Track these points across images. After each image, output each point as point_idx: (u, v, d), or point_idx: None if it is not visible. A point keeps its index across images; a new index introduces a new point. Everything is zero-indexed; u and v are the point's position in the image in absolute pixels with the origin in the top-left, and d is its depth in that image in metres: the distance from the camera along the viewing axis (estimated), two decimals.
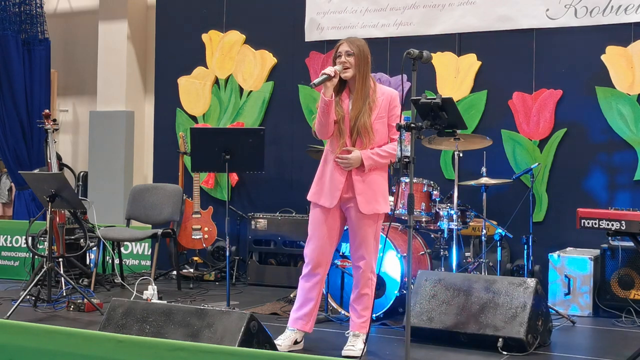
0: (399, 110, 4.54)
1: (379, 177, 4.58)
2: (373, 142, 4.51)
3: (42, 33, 8.96)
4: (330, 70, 4.43)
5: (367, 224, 4.55)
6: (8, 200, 9.32)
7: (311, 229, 4.65)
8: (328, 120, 4.49)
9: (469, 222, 5.89)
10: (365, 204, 4.51)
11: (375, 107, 4.51)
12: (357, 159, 4.48)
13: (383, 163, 4.55)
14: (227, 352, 3.07)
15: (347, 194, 4.54)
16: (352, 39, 4.61)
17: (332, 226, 4.61)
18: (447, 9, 6.88)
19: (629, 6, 6.26)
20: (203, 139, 6.01)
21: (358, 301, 4.66)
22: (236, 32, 7.77)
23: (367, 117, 4.48)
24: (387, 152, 4.52)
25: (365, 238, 4.57)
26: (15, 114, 8.75)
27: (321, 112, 4.47)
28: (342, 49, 4.52)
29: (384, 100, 4.54)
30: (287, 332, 4.67)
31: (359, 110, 4.48)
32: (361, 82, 4.50)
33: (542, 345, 4.76)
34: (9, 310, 5.48)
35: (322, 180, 4.60)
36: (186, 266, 7.39)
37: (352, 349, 4.57)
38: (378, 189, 4.56)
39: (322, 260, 4.63)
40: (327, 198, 4.55)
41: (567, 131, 6.50)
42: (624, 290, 5.88)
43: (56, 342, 3.39)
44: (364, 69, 4.50)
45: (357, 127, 4.48)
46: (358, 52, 4.49)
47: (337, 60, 4.51)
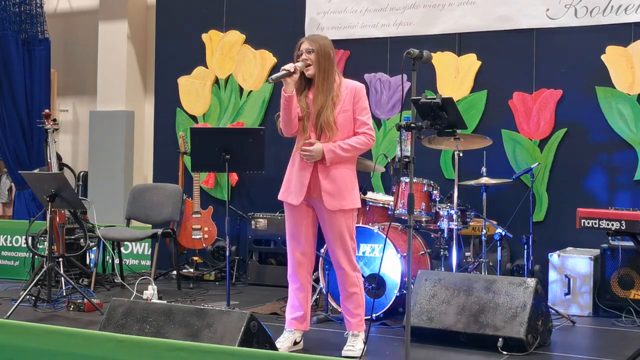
0: (366, 102, 4.56)
1: (345, 171, 4.54)
2: (337, 136, 4.49)
3: (42, 33, 8.96)
4: (289, 66, 4.44)
5: (337, 220, 4.52)
6: (8, 200, 9.32)
7: (287, 229, 4.67)
8: (290, 116, 4.49)
9: (469, 222, 5.89)
10: (331, 200, 4.48)
11: (338, 102, 4.50)
12: (319, 151, 4.46)
13: (346, 157, 4.52)
14: (227, 352, 3.07)
15: (314, 190, 4.53)
16: (313, 36, 4.65)
17: (305, 223, 4.60)
18: (447, 8, 6.88)
19: (629, 6, 6.26)
20: (203, 138, 6.01)
21: (348, 301, 4.64)
22: (236, 32, 7.77)
23: (330, 112, 4.47)
24: (350, 146, 4.49)
25: (339, 235, 4.52)
26: (15, 114, 8.75)
27: (282, 108, 4.49)
28: (303, 47, 4.53)
29: (348, 93, 4.53)
30: (285, 334, 4.67)
31: (320, 105, 4.48)
32: (322, 77, 4.50)
33: (542, 345, 4.76)
34: (9, 310, 5.48)
35: (289, 178, 4.62)
36: (186, 266, 7.39)
37: (352, 349, 4.57)
38: (344, 184, 4.52)
39: (303, 257, 4.64)
40: (294, 195, 4.55)
41: (567, 131, 6.50)
42: (624, 290, 5.88)
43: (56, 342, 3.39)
44: (325, 64, 4.49)
45: (320, 122, 4.48)
46: (318, 48, 4.49)
47: (300, 58, 4.52)
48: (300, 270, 4.65)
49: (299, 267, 4.65)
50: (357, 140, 4.52)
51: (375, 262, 5.52)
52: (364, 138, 4.53)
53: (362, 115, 4.54)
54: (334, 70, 4.54)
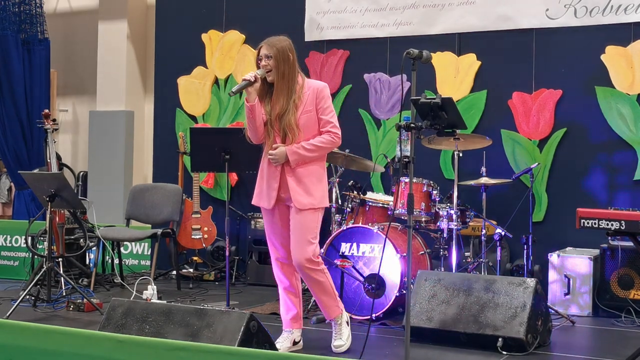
0: (328, 101, 4.56)
1: (313, 171, 4.55)
2: (300, 138, 4.50)
3: (42, 33, 8.96)
4: (250, 76, 4.45)
5: (306, 218, 4.52)
6: (8, 200, 9.32)
7: (266, 231, 4.71)
8: (256, 124, 4.51)
9: (469, 222, 5.89)
10: (300, 199, 4.50)
11: (300, 103, 4.50)
12: (282, 154, 4.48)
13: (311, 157, 4.52)
14: (227, 352, 3.07)
15: (284, 192, 4.56)
16: (271, 40, 4.59)
17: (282, 224, 4.63)
18: (447, 8, 6.88)
19: (629, 6, 6.26)
20: (203, 138, 6.01)
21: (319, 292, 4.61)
22: (236, 32, 7.77)
23: (292, 114, 4.47)
24: (314, 146, 4.50)
25: (307, 233, 4.51)
26: (15, 114, 8.75)
27: (247, 117, 4.51)
28: (262, 53, 4.54)
29: (310, 93, 4.53)
30: (283, 335, 4.68)
31: (281, 108, 4.49)
32: (282, 81, 4.49)
33: (542, 345, 4.76)
34: (9, 310, 5.48)
35: (260, 183, 4.66)
36: (186, 266, 7.39)
37: (340, 340, 4.63)
38: (311, 183, 4.53)
39: (287, 257, 4.65)
40: (266, 199, 4.60)
41: (566, 131, 6.50)
42: (623, 290, 5.88)
43: (56, 342, 3.39)
44: (283, 68, 4.49)
45: (283, 125, 4.49)
46: (276, 53, 4.49)
47: (260, 64, 4.53)
48: (286, 270, 4.67)
49: (284, 268, 4.67)
50: (321, 139, 4.53)
51: (375, 262, 5.52)
52: (328, 137, 4.54)
53: (325, 114, 4.54)
54: (294, 72, 4.53)
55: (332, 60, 7.29)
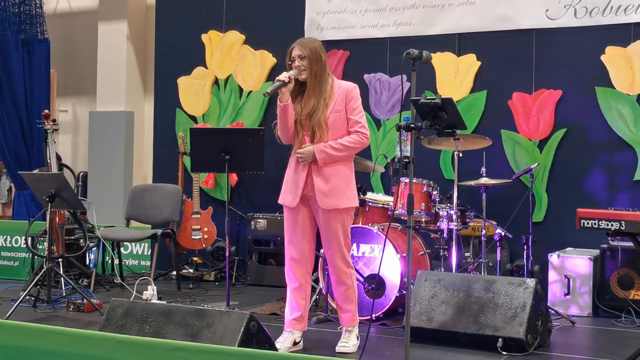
0: (358, 102, 4.60)
1: (340, 171, 4.58)
2: (328, 136, 4.53)
3: (42, 33, 8.96)
4: (284, 77, 4.48)
5: (332, 219, 4.55)
6: (8, 201, 9.32)
7: (285, 230, 4.70)
8: (287, 124, 4.57)
9: (469, 222, 5.89)
10: (324, 199, 4.52)
11: (331, 102, 4.55)
12: (309, 152, 4.51)
13: (339, 156, 4.54)
14: (227, 352, 3.07)
15: (310, 191, 4.57)
16: (303, 41, 4.67)
17: (302, 224, 4.63)
18: (447, 9, 6.88)
19: (629, 6, 6.26)
20: (203, 139, 6.01)
21: (341, 296, 4.69)
22: (236, 32, 7.77)
23: (322, 113, 4.52)
24: (342, 145, 4.53)
25: (334, 234, 4.56)
26: (15, 114, 8.75)
27: (279, 117, 4.56)
28: (294, 54, 4.59)
29: (340, 94, 4.58)
30: (284, 334, 4.68)
31: (312, 107, 4.53)
32: (314, 81, 4.55)
33: (542, 346, 4.76)
34: (9, 311, 5.48)
35: (287, 181, 4.68)
36: (186, 266, 7.38)
37: (346, 345, 4.64)
38: (338, 183, 4.56)
39: (302, 259, 4.65)
40: (291, 196, 4.61)
41: (566, 131, 6.50)
42: (623, 290, 5.88)
43: (56, 342, 3.39)
44: (316, 68, 4.55)
45: (312, 124, 4.53)
46: (309, 54, 4.55)
47: (292, 65, 4.57)
48: (299, 271, 4.66)
49: (298, 268, 4.66)
50: (349, 139, 4.55)
51: (375, 262, 5.52)
52: (357, 137, 4.56)
53: (354, 114, 4.58)
54: (325, 73, 4.59)
55: (332, 60, 7.29)
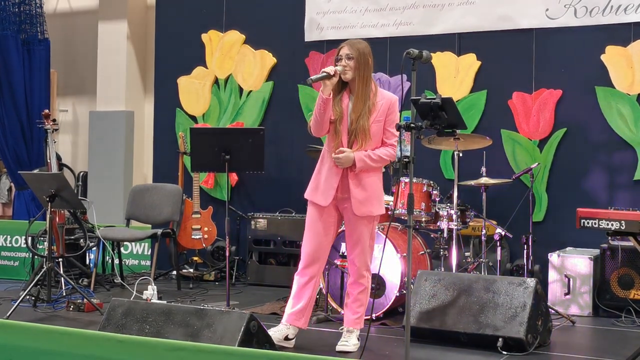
0: (397, 116, 4.62)
1: (374, 179, 4.63)
2: (369, 144, 4.55)
3: (42, 33, 8.95)
4: (330, 69, 4.49)
5: (362, 225, 4.62)
6: (8, 200, 9.32)
7: (307, 226, 4.70)
8: (324, 118, 4.53)
9: (469, 222, 5.89)
10: (359, 206, 4.56)
11: (374, 110, 4.56)
12: (349, 159, 4.52)
13: (374, 166, 4.59)
14: (227, 352, 3.07)
15: (343, 194, 4.60)
16: (353, 42, 4.65)
17: (327, 224, 4.65)
18: (447, 8, 6.88)
19: (629, 6, 6.26)
20: (203, 139, 6.01)
21: (354, 298, 4.71)
22: (236, 32, 7.77)
23: (366, 119, 4.53)
24: (378, 157, 4.57)
25: (361, 238, 4.63)
26: (15, 114, 8.75)
27: (318, 109, 4.52)
28: (342, 52, 4.58)
29: (384, 104, 4.59)
30: (280, 326, 4.69)
31: (359, 112, 4.54)
32: (361, 84, 4.55)
33: (542, 345, 4.76)
34: (9, 310, 5.47)
35: (318, 178, 4.67)
36: (186, 266, 7.39)
37: (346, 344, 4.65)
38: (372, 191, 4.60)
39: (318, 257, 4.66)
40: (322, 196, 4.61)
41: (566, 131, 6.50)
42: (623, 290, 5.88)
43: (56, 342, 3.39)
44: (364, 72, 4.55)
45: (356, 128, 4.53)
46: (358, 55, 4.54)
47: (338, 63, 4.56)
48: (315, 267, 4.67)
49: (314, 264, 4.67)
50: (384, 151, 4.59)
51: (375, 262, 5.50)
52: (391, 150, 4.60)
53: (392, 127, 4.59)
54: (371, 78, 4.60)
55: (332, 60, 7.24)
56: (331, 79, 4.47)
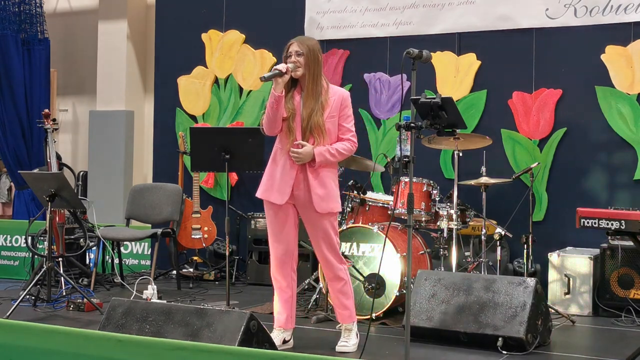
0: (350, 110, 4.64)
1: (332, 176, 4.63)
2: (325, 141, 4.54)
3: (42, 33, 8.96)
4: (282, 67, 4.47)
5: (325, 221, 4.58)
6: (8, 200, 9.32)
7: (270, 227, 4.69)
8: (277, 116, 4.51)
9: (469, 221, 5.89)
10: (320, 202, 4.54)
11: (327, 107, 4.55)
12: (309, 153, 4.50)
13: (332, 161, 4.59)
14: (227, 351, 3.07)
15: (299, 190, 4.57)
16: (302, 38, 4.65)
17: (288, 222, 4.64)
18: (447, 8, 6.88)
19: (629, 6, 6.26)
20: (203, 138, 6.00)
21: (338, 293, 4.69)
22: (236, 32, 7.77)
23: (320, 116, 4.52)
24: (337, 151, 4.56)
25: (327, 234, 4.59)
26: (15, 114, 8.75)
27: (270, 107, 4.50)
28: (292, 49, 4.56)
29: (336, 100, 4.58)
30: (274, 332, 4.70)
31: (311, 109, 4.52)
32: (312, 81, 4.53)
33: (542, 345, 4.76)
34: (9, 310, 5.48)
35: (272, 177, 4.63)
36: (186, 266, 7.39)
37: (346, 344, 4.65)
38: (331, 188, 4.60)
39: (287, 256, 4.66)
40: (278, 194, 4.58)
41: (566, 131, 6.50)
42: (623, 289, 5.88)
43: (56, 341, 3.39)
44: (314, 68, 4.53)
45: (310, 125, 4.52)
46: (307, 51, 4.52)
47: (287, 60, 4.54)
48: (284, 269, 4.67)
49: (283, 267, 4.67)
50: (342, 146, 4.58)
51: (375, 261, 5.52)
52: (349, 144, 4.60)
53: (347, 122, 4.61)
54: (322, 74, 4.59)
55: (332, 60, 7.29)
56: (283, 77, 4.45)
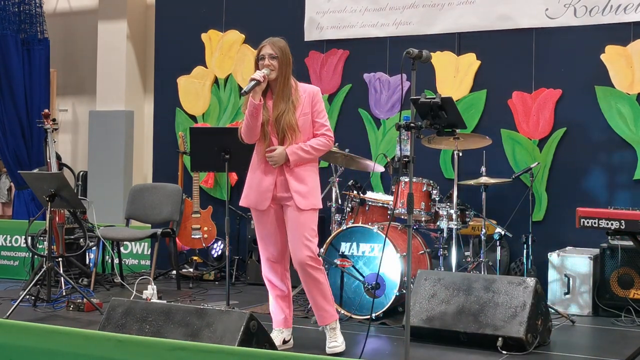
0: (322, 105, 4.63)
1: (311, 174, 4.61)
2: (299, 139, 4.53)
3: (42, 33, 8.96)
4: (259, 76, 4.45)
5: (306, 218, 4.55)
6: (8, 200, 9.32)
7: (257, 232, 4.70)
8: (257, 123, 4.51)
9: (469, 221, 5.89)
10: (302, 200, 4.52)
11: (298, 105, 4.54)
12: (281, 154, 4.49)
13: (308, 158, 4.56)
14: (227, 351, 3.07)
15: (281, 192, 4.56)
16: (273, 40, 4.62)
17: (275, 224, 4.63)
18: (447, 8, 6.88)
19: (628, 5, 6.26)
20: (202, 138, 6.00)
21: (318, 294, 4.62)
22: (235, 32, 7.77)
23: (292, 115, 4.50)
24: (312, 147, 4.54)
25: (307, 232, 4.55)
26: (15, 114, 8.76)
27: (250, 115, 4.48)
28: (265, 52, 4.55)
29: (307, 97, 4.57)
30: (274, 333, 4.70)
31: (281, 110, 4.51)
32: (282, 83, 4.53)
33: (542, 345, 4.76)
34: (9, 310, 5.48)
35: (251, 184, 4.63)
36: (186, 266, 7.39)
37: (336, 344, 4.63)
38: (312, 185, 4.59)
39: (279, 257, 4.67)
40: (259, 200, 4.58)
41: (566, 130, 6.50)
42: (623, 289, 5.88)
43: (56, 342, 3.39)
44: (286, 70, 4.53)
45: (282, 126, 4.50)
46: (281, 54, 4.53)
47: (261, 63, 4.53)
48: (279, 271, 4.69)
49: (275, 269, 4.68)
50: (317, 142, 4.58)
51: (375, 261, 5.52)
52: (324, 140, 4.59)
53: (320, 117, 4.60)
54: (290, 74, 4.58)
55: (331, 60, 7.29)
56: (261, 85, 4.45)
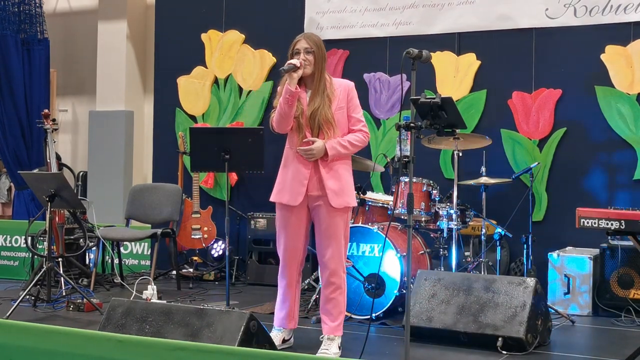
0: (357, 100, 4.60)
1: (346, 169, 4.57)
2: (336, 134, 4.49)
3: (42, 33, 8.96)
4: (296, 61, 4.43)
5: (338, 216, 4.50)
6: (7, 200, 9.32)
7: (278, 229, 4.63)
8: (290, 112, 4.45)
9: (469, 221, 5.89)
10: (335, 197, 4.47)
11: (334, 99, 4.51)
12: (320, 149, 4.44)
13: (345, 154, 4.53)
14: (227, 351, 3.07)
15: (314, 191, 4.50)
16: (308, 35, 4.62)
17: (298, 224, 4.57)
18: (447, 8, 6.88)
19: (628, 5, 6.27)
20: (202, 138, 6.00)
21: (332, 303, 4.59)
22: (235, 32, 7.77)
23: (328, 108, 4.47)
24: (349, 143, 4.50)
25: (336, 233, 4.51)
26: (15, 114, 8.75)
27: (285, 102, 4.42)
28: (300, 46, 4.52)
29: (342, 91, 4.55)
30: (274, 332, 4.69)
31: (317, 104, 4.47)
32: (318, 77, 4.50)
33: (542, 345, 4.76)
34: (9, 310, 5.48)
35: (284, 179, 4.56)
36: (186, 266, 7.39)
37: (326, 352, 4.52)
38: (345, 182, 4.54)
39: (294, 259, 4.63)
40: (292, 195, 4.50)
41: (566, 130, 6.50)
42: (623, 289, 5.88)
43: (56, 342, 3.38)
44: (321, 65, 4.51)
45: (319, 120, 4.46)
46: (317, 49, 4.50)
47: (296, 57, 4.50)
48: (293, 268, 4.65)
49: (291, 266, 4.64)
50: (354, 137, 4.53)
51: (375, 261, 5.52)
52: (361, 135, 4.55)
53: (356, 112, 4.57)
54: (325, 70, 4.57)
55: (331, 60, 7.29)
56: (297, 72, 4.42)
